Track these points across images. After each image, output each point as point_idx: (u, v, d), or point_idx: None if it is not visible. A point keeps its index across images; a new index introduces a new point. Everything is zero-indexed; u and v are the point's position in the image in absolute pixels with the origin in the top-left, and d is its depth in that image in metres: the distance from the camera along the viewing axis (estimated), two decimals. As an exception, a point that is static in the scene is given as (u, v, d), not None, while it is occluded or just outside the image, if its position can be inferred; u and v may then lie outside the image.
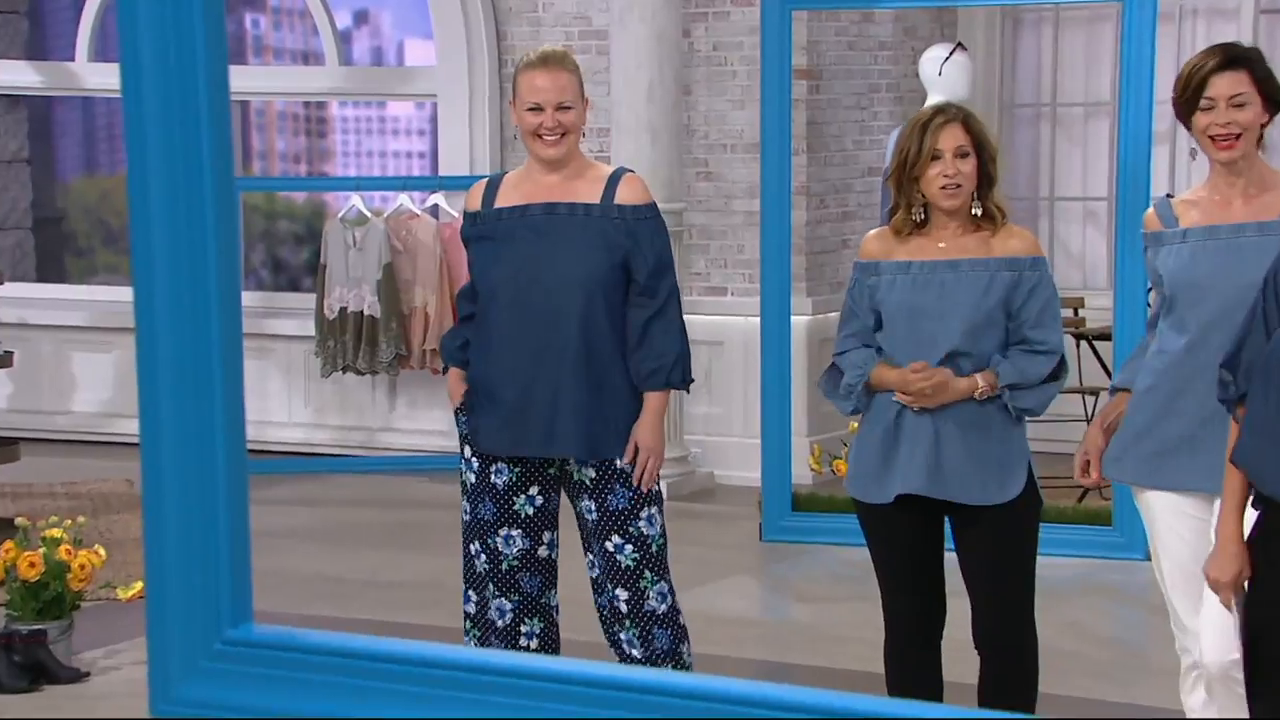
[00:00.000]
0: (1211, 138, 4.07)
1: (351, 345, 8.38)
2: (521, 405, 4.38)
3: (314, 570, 6.87)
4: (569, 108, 4.40)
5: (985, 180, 4.19)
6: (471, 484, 4.49)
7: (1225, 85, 4.06)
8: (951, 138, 4.16)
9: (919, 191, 4.18)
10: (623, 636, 4.43)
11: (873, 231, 4.33)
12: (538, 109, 4.38)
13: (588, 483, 4.43)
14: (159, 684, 1.49)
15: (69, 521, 5.72)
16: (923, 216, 4.20)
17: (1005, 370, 4.16)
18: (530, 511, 4.47)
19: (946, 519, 4.24)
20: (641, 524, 4.42)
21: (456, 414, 4.52)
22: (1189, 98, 4.10)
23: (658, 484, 4.47)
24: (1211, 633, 3.89)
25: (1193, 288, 4.08)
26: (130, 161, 1.48)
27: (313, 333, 8.59)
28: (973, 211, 4.19)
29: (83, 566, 5.48)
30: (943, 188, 4.15)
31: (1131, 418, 4.21)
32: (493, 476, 4.46)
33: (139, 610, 5.80)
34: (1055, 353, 4.19)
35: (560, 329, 4.36)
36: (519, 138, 4.49)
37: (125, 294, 9.59)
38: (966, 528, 4.19)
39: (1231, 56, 4.10)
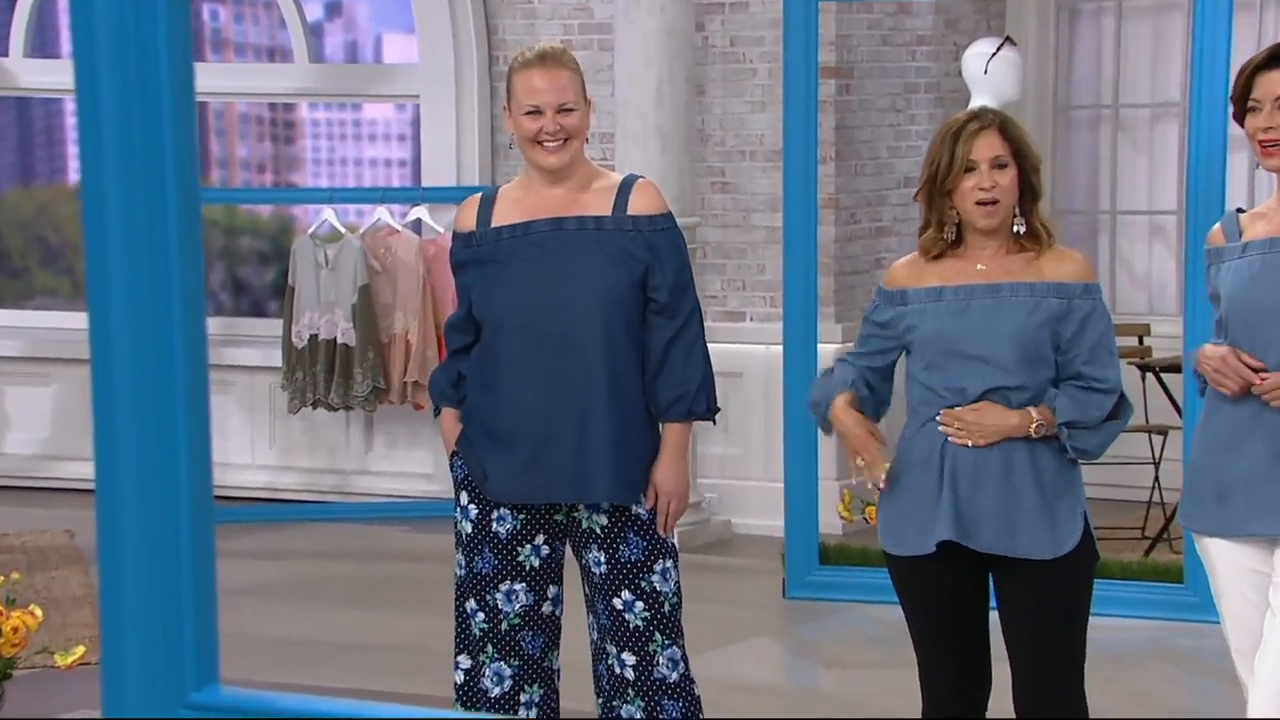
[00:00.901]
0: (1260, 143, 4.09)
1: (323, 377, 8.39)
2: (542, 446, 4.39)
3: (280, 632, 6.87)
4: (571, 110, 4.42)
5: (1028, 193, 4.20)
6: (468, 535, 4.49)
7: (1270, 85, 4.07)
8: (987, 146, 4.16)
9: (951, 208, 4.19)
10: (624, 712, 4.43)
11: (904, 258, 4.34)
12: (536, 112, 4.40)
13: (599, 531, 4.44)
14: (115, 755, 1.50)
15: (0, 579, 5.73)
16: (954, 235, 4.21)
17: (1063, 406, 4.16)
18: (535, 563, 4.48)
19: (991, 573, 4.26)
20: (655, 579, 4.43)
21: (452, 459, 4.52)
22: (1238, 98, 4.12)
23: (672, 535, 4.48)
24: (1263, 692, 3.90)
25: (1250, 308, 4.09)
26: (84, 172, 1.49)
27: (279, 363, 8.61)
28: (1014, 229, 4.20)
29: (16, 629, 5.48)
30: (978, 203, 4.15)
31: (1192, 457, 4.22)
32: (494, 525, 4.47)
33: (80, 679, 5.79)
34: (1114, 391, 4.19)
35: (580, 356, 4.37)
36: (514, 146, 4.51)
37: (66, 320, 9.61)
38: (1009, 584, 4.19)
39: (1278, 53, 4.11)
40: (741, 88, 8.54)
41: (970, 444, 4.14)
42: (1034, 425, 4.14)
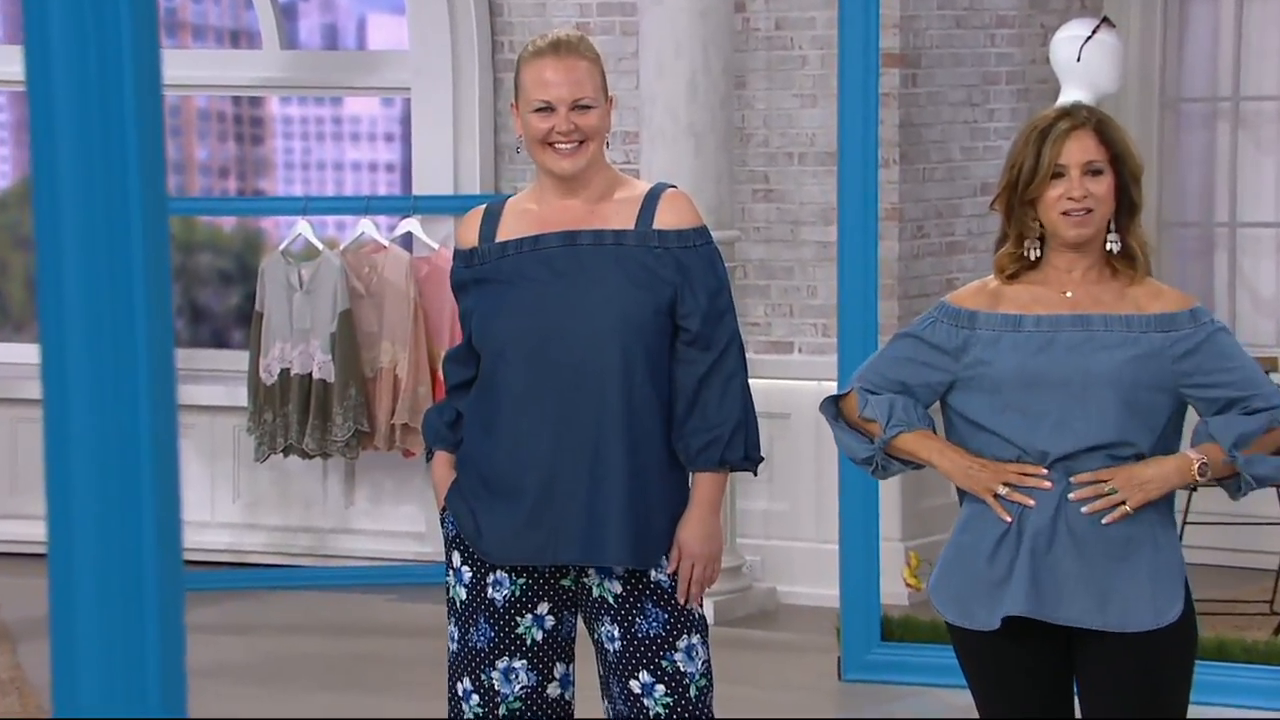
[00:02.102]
0: None
1: (296, 419, 8.40)
2: (546, 497, 4.40)
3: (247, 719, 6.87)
4: (589, 107, 4.45)
5: (1125, 206, 4.20)
6: (462, 602, 4.50)
7: None
8: (1080, 149, 4.16)
9: (1034, 220, 4.19)
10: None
11: (971, 284, 4.34)
12: (547, 109, 4.43)
13: (611, 600, 4.44)
14: None
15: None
16: (1038, 252, 4.21)
17: (1219, 427, 4.13)
18: (538, 636, 4.48)
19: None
20: (678, 657, 4.43)
21: (443, 514, 4.54)
22: None
23: (700, 605, 4.48)
24: None
25: None
26: (37, 180, 1.50)
27: (244, 403, 8.62)
28: (1107, 247, 4.20)
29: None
30: (1066, 213, 4.15)
31: None
32: (490, 590, 4.48)
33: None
34: (1277, 407, 4.17)
35: (593, 392, 4.39)
36: (522, 150, 4.54)
37: (-5, 351, 9.63)
38: (1095, 662, 4.18)
39: None
40: (789, 79, 8.55)
41: (1120, 514, 4.10)
42: (1195, 465, 4.12)
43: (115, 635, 1.53)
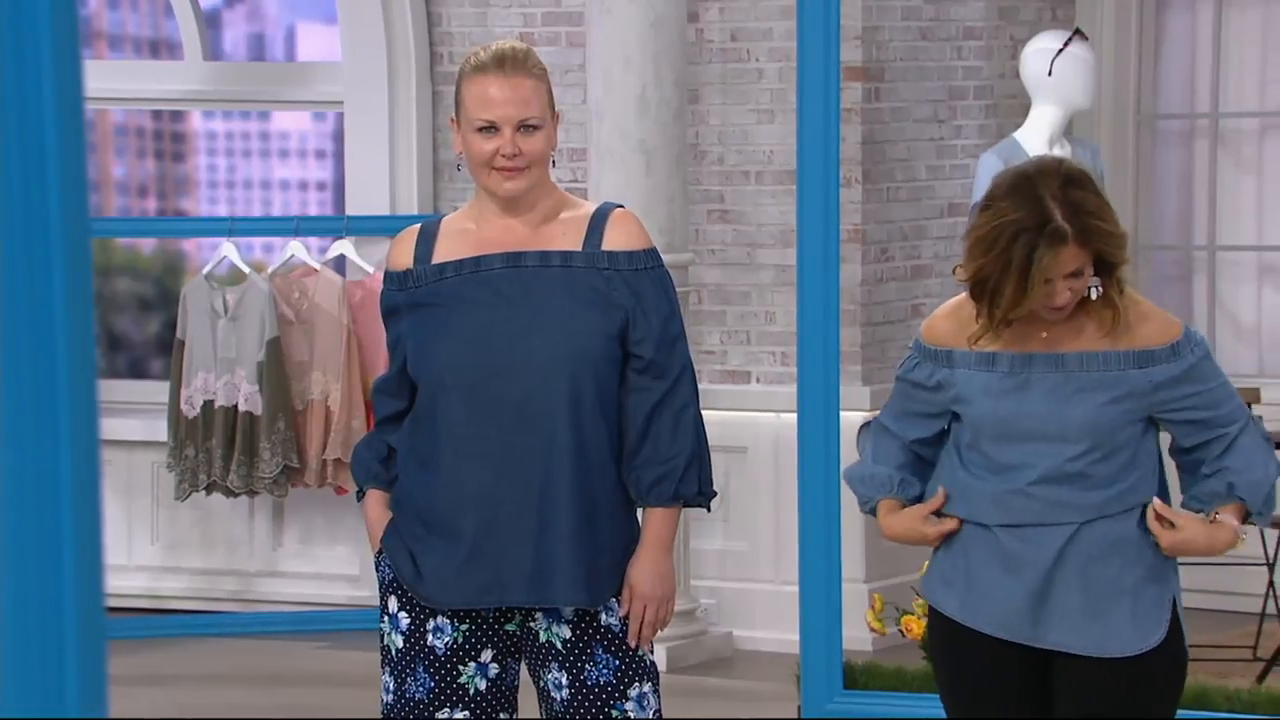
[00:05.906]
0: None
1: (220, 454, 8.38)
2: (489, 536, 4.41)
3: (166, 775, 6.85)
4: (535, 127, 4.45)
5: (1104, 269, 4.19)
6: (398, 650, 4.50)
7: None
8: (1062, 264, 4.12)
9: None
10: None
11: (945, 306, 4.39)
12: (491, 129, 4.44)
13: (559, 646, 4.45)
14: None
15: None
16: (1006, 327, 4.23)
17: (1240, 475, 4.20)
18: (481, 686, 4.49)
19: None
20: (629, 707, 4.44)
21: (378, 556, 4.54)
22: None
23: (650, 650, 4.49)
24: None
25: None
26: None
27: (164, 437, 8.59)
28: (1089, 294, 4.20)
29: None
30: (1057, 307, 4.17)
31: None
32: (430, 637, 4.48)
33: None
34: (1241, 419, 4.24)
35: (539, 425, 4.40)
36: (463, 167, 4.55)
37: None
38: (1072, 687, 4.23)
39: None
40: (745, 93, 8.57)
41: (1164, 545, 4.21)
42: (1241, 538, 4.23)
43: (33, 686, 1.53)
